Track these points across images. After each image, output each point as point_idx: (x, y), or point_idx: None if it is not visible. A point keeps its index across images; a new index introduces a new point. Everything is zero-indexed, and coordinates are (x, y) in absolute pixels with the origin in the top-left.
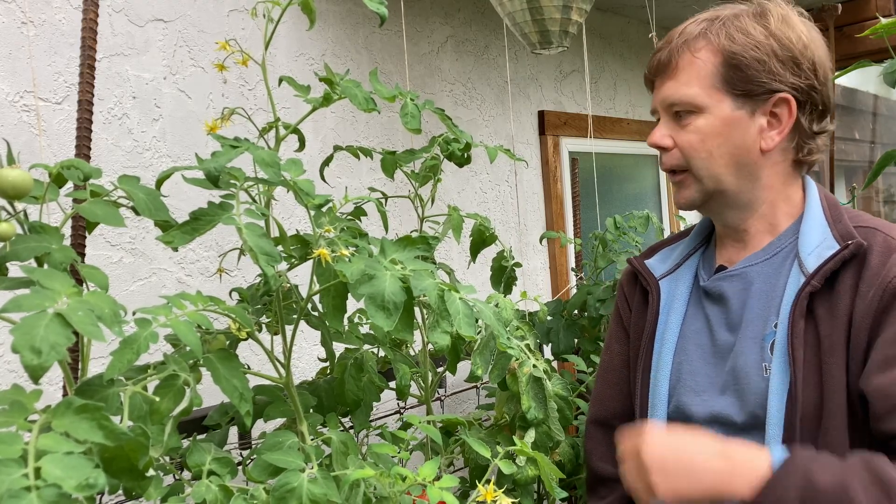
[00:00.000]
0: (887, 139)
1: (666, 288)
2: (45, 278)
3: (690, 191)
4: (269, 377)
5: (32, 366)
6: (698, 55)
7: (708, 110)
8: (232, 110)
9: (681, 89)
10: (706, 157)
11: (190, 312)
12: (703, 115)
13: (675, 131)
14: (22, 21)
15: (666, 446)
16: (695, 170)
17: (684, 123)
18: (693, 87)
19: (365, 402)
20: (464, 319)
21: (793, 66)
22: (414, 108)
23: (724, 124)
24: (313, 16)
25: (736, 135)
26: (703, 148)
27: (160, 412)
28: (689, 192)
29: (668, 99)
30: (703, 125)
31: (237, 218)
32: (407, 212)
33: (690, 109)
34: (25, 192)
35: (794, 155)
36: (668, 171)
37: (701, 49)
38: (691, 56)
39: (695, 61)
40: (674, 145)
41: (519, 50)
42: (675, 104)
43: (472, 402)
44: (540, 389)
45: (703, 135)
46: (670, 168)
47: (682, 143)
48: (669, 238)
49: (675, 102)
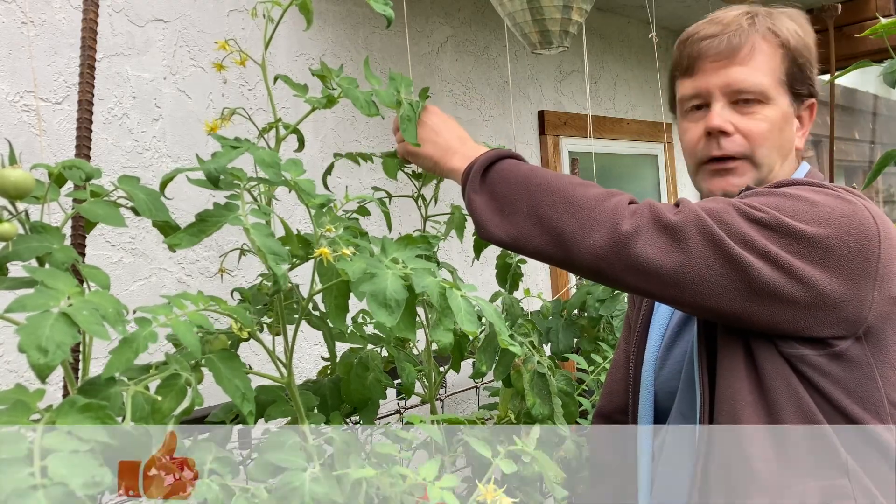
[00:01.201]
0: (887, 139)
1: None
2: (49, 278)
3: (746, 178)
4: (270, 377)
5: (39, 365)
6: (771, 45)
7: (774, 101)
8: (232, 110)
9: (755, 76)
10: (772, 146)
11: (190, 312)
12: (770, 105)
13: (735, 118)
14: (22, 21)
15: (436, 116)
16: (759, 157)
17: (749, 111)
18: (766, 76)
19: (372, 400)
20: (466, 316)
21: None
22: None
23: (783, 118)
24: (310, 16)
25: (788, 129)
26: (772, 137)
27: (162, 412)
28: (745, 180)
29: (739, 84)
30: (772, 115)
31: (244, 218)
32: (408, 211)
33: (759, 98)
34: (27, 192)
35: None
36: (722, 157)
37: (772, 41)
38: (766, 45)
39: (769, 51)
40: (735, 131)
41: (519, 50)
42: (746, 91)
43: (473, 402)
44: (544, 385)
45: (770, 124)
46: (731, 154)
47: (751, 130)
48: None
49: (745, 89)
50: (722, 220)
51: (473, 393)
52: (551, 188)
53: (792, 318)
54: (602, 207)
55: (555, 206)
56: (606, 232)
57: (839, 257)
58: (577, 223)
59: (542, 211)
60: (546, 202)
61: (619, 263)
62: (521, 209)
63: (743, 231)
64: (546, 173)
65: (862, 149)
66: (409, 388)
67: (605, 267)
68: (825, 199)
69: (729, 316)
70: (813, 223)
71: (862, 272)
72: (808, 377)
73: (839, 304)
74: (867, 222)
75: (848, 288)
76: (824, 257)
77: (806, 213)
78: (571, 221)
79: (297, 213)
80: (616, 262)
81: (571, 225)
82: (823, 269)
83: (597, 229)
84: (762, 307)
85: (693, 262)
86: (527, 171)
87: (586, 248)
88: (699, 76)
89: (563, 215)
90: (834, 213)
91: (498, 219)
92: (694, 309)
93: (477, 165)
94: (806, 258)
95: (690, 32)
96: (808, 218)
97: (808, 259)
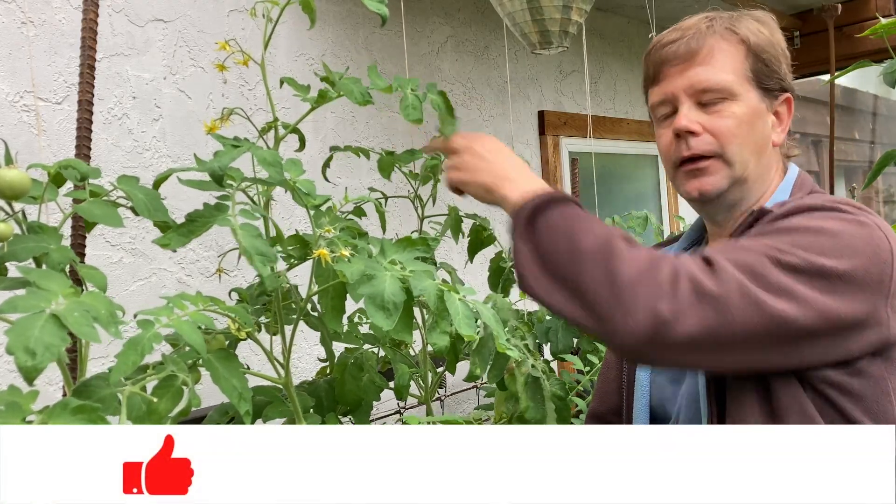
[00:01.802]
0: (887, 139)
1: None
2: (42, 279)
3: (719, 176)
4: (268, 377)
5: (27, 367)
6: (730, 43)
7: (741, 98)
8: (231, 110)
9: (718, 74)
10: (742, 142)
11: (192, 312)
12: (737, 101)
13: (703, 117)
14: (22, 21)
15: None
16: (729, 154)
17: (716, 109)
18: (729, 73)
19: (365, 401)
20: (463, 319)
21: (788, 69)
22: (415, 98)
23: (753, 113)
24: (314, 15)
25: (760, 125)
26: (740, 133)
27: (159, 412)
28: (718, 179)
29: (701, 84)
30: (738, 111)
31: (232, 219)
32: (407, 212)
33: (724, 96)
34: (23, 192)
35: (785, 151)
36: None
37: (732, 38)
38: (725, 43)
39: (729, 49)
40: (703, 131)
41: (519, 50)
42: (709, 89)
43: (472, 403)
44: (538, 389)
45: (738, 120)
46: (700, 153)
47: (718, 128)
48: (667, 240)
49: (709, 88)
50: (759, 275)
51: (473, 393)
52: (596, 256)
53: (822, 352)
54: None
55: (595, 280)
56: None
57: (863, 285)
58: (618, 302)
59: (582, 281)
60: (588, 274)
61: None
62: (563, 273)
63: (780, 282)
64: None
65: (862, 149)
66: (402, 390)
67: (648, 350)
68: (844, 227)
69: (772, 369)
70: (840, 257)
71: (880, 293)
72: (826, 395)
73: (865, 328)
74: (883, 244)
75: (871, 311)
76: (851, 289)
77: (831, 249)
78: (612, 300)
79: (297, 213)
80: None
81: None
82: (852, 300)
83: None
84: (798, 350)
85: (736, 327)
86: (575, 226)
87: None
88: (664, 82)
89: (604, 291)
90: (855, 242)
91: (539, 274)
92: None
93: (527, 210)
94: (837, 294)
95: (654, 42)
96: (834, 253)
97: (839, 294)
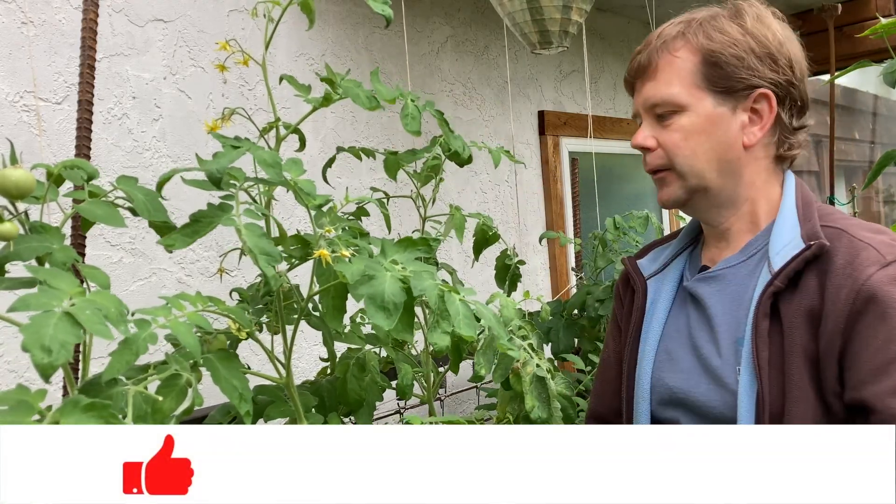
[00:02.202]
0: (887, 139)
1: (652, 287)
2: (52, 278)
3: (673, 188)
4: (269, 377)
5: (43, 364)
6: (677, 54)
7: (690, 108)
8: (232, 110)
9: (662, 89)
10: (690, 154)
11: (189, 313)
12: (686, 113)
13: (658, 132)
14: (22, 21)
15: None
16: (678, 167)
17: (667, 123)
18: (674, 86)
19: (367, 401)
20: (464, 320)
21: (770, 62)
22: (414, 109)
23: (706, 121)
24: (313, 16)
25: (718, 131)
26: (687, 146)
27: (162, 412)
28: (672, 190)
29: (650, 100)
30: (686, 123)
31: (237, 219)
32: (408, 212)
33: (672, 109)
34: (28, 191)
35: (775, 150)
36: (651, 171)
37: (679, 49)
38: (670, 56)
39: (674, 61)
40: (657, 146)
41: (519, 50)
42: (657, 104)
43: (472, 403)
44: (543, 389)
45: (686, 132)
46: (654, 168)
47: (666, 142)
48: (663, 238)
49: (656, 103)
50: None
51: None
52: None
53: None
54: None
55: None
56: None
57: None
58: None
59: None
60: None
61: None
62: None
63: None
64: None
65: (862, 149)
66: (405, 389)
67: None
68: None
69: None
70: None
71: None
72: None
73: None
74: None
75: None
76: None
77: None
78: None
79: (297, 213)
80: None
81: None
82: None
83: None
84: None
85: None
86: None
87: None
88: (635, 95)
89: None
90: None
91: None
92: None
93: None
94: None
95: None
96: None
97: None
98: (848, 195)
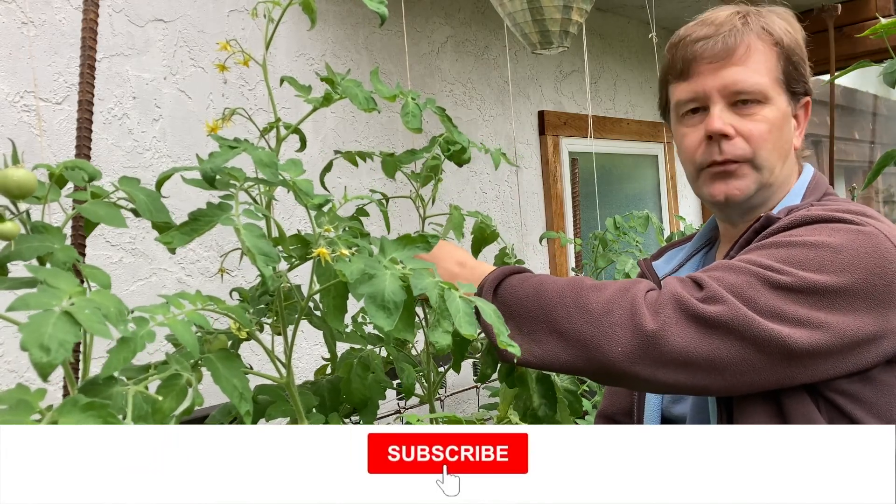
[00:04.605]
0: (887, 139)
1: None
2: (52, 277)
3: (748, 181)
4: (269, 377)
5: (42, 363)
6: (766, 44)
7: (773, 102)
8: (233, 111)
9: (753, 76)
10: (772, 148)
11: (188, 312)
12: (769, 105)
13: (735, 120)
14: (22, 21)
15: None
16: (759, 160)
17: (749, 112)
18: (764, 76)
19: (371, 400)
20: (464, 318)
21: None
22: (415, 107)
23: (783, 118)
24: (314, 16)
25: (787, 129)
26: (770, 138)
27: (163, 411)
28: (747, 183)
29: (738, 85)
30: (771, 116)
31: (235, 219)
32: (408, 212)
33: (759, 99)
34: (30, 191)
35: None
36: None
37: (766, 39)
38: (762, 44)
39: (764, 50)
40: (736, 134)
41: (519, 50)
42: (744, 91)
43: (473, 402)
44: (550, 385)
45: (770, 125)
46: (733, 158)
47: (751, 132)
48: (679, 240)
49: (745, 90)
50: (748, 297)
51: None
52: (564, 299)
53: (832, 367)
54: (620, 309)
55: (572, 318)
56: (631, 334)
57: (868, 298)
58: (599, 331)
59: (560, 325)
60: (562, 315)
61: (652, 362)
62: (540, 327)
63: (770, 303)
64: (555, 283)
65: (862, 149)
66: (409, 389)
67: (640, 370)
68: (845, 239)
69: (771, 387)
70: (837, 272)
71: (890, 303)
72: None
73: (878, 340)
74: (888, 254)
75: (880, 322)
76: (853, 303)
77: (829, 263)
78: (593, 330)
79: (297, 213)
80: (649, 361)
81: (594, 334)
82: (856, 314)
83: (621, 333)
84: (802, 369)
85: (727, 346)
86: (536, 284)
87: (616, 355)
88: (695, 79)
89: (583, 325)
90: (857, 256)
91: (518, 339)
92: (734, 390)
93: (486, 289)
94: (837, 309)
95: (682, 35)
96: (832, 268)
97: (839, 310)
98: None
